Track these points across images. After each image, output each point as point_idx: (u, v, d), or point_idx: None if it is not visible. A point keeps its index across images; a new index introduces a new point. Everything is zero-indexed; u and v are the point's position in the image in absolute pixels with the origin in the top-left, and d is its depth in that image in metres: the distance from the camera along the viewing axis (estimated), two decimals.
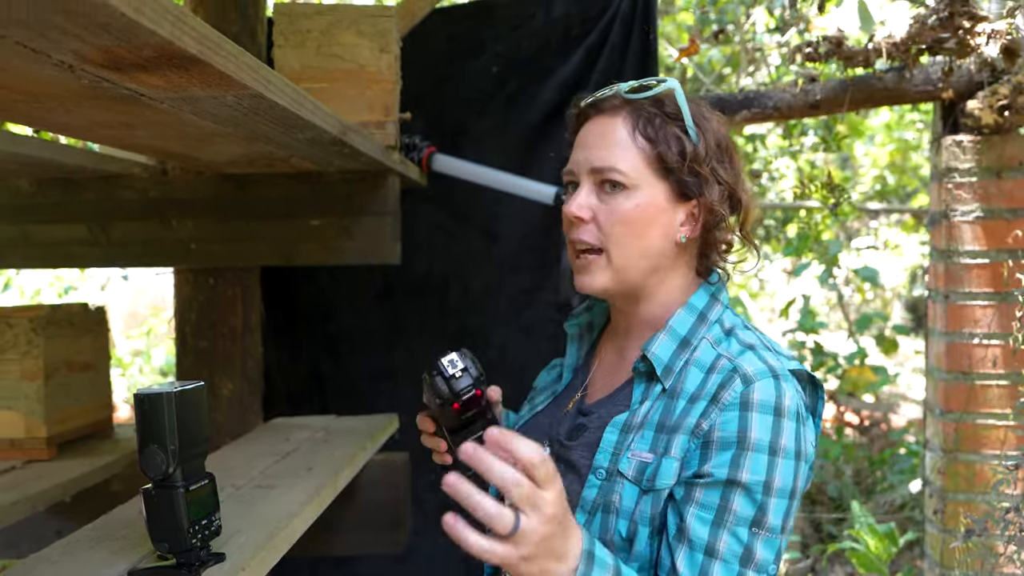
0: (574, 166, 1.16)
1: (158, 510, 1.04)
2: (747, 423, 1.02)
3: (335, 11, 1.70)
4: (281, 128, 1.25)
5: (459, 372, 1.07)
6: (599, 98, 1.17)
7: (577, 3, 2.32)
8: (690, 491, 1.03)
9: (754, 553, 1.01)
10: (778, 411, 1.03)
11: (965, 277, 2.30)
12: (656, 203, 1.11)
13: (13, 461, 1.71)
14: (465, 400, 1.08)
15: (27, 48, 0.74)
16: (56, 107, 1.03)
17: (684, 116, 1.13)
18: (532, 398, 1.35)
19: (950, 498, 2.32)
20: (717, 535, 1.01)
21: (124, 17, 0.67)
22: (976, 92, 2.28)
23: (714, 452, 1.03)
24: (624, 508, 1.06)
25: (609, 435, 1.10)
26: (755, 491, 1.01)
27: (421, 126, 2.25)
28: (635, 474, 1.06)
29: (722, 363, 1.09)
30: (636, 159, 1.11)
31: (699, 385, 1.08)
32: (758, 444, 1.02)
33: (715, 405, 1.05)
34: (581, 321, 1.32)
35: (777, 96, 2.49)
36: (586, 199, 1.12)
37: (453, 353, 1.09)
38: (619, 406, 1.14)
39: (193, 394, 1.06)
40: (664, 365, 1.11)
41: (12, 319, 1.74)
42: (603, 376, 1.23)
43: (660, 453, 1.05)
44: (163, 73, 0.86)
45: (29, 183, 1.84)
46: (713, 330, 1.14)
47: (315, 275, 2.44)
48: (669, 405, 1.09)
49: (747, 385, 1.04)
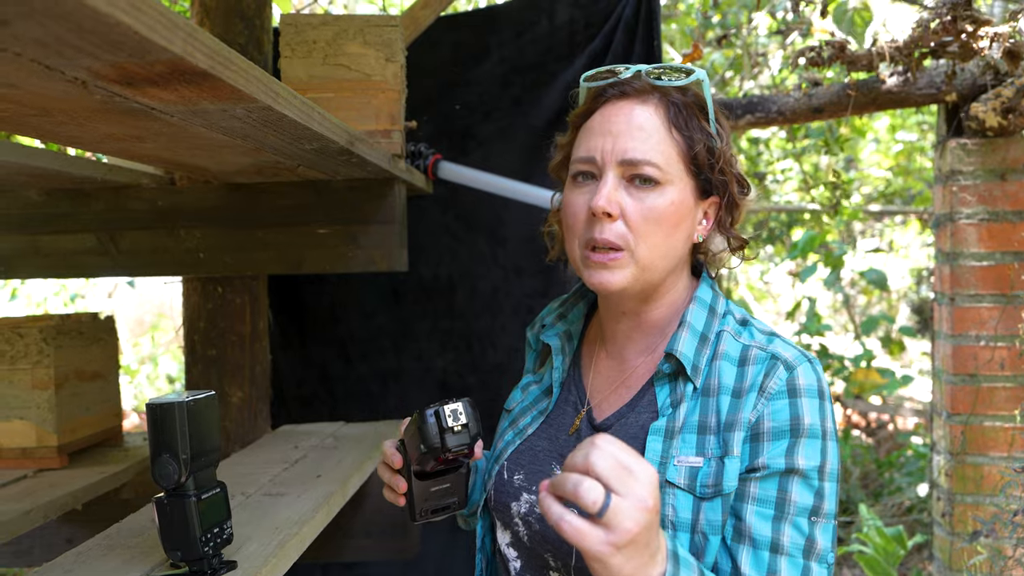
0: (596, 154, 1.05)
1: (171, 519, 1.06)
2: (798, 409, 0.99)
3: (341, 21, 1.71)
4: (289, 139, 1.26)
5: (459, 427, 0.99)
6: (621, 79, 1.07)
7: (581, 9, 2.34)
8: (744, 487, 0.99)
9: (816, 542, 0.98)
10: (821, 394, 1.01)
11: (970, 279, 2.30)
12: (686, 201, 1.06)
13: (25, 470, 1.73)
14: (451, 458, 1.02)
15: (42, 65, 0.75)
16: (67, 121, 1.04)
17: (709, 110, 1.08)
18: (513, 421, 1.21)
19: (958, 500, 2.32)
20: (780, 529, 0.97)
21: (137, 35, 0.68)
22: (979, 95, 2.28)
23: (766, 443, 0.99)
24: (681, 520, 0.99)
25: (653, 444, 1.02)
26: (812, 477, 0.98)
27: (430, 130, 2.28)
28: (687, 481, 1.00)
29: (754, 353, 1.04)
30: (671, 153, 1.04)
31: (737, 378, 1.03)
32: (811, 429, 0.99)
33: (762, 395, 1.00)
34: (559, 331, 1.22)
35: (781, 100, 2.49)
36: (615, 193, 1.02)
37: (458, 403, 1.01)
38: (644, 413, 1.07)
39: (204, 403, 1.07)
40: (691, 363, 1.05)
41: (22, 329, 1.75)
42: (605, 386, 1.15)
43: (711, 455, 1.00)
44: (174, 88, 0.87)
45: (38, 194, 1.86)
46: (728, 322, 1.10)
47: (324, 279, 2.47)
48: (707, 404, 1.03)
49: (790, 371, 1.01)
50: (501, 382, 2.41)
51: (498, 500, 1.15)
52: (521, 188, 2.11)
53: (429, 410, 1.00)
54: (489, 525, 1.20)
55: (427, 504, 1.10)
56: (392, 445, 1.11)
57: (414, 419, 1.03)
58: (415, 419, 1.02)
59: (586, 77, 1.12)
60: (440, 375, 2.47)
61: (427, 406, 1.01)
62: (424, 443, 1.00)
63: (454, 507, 1.12)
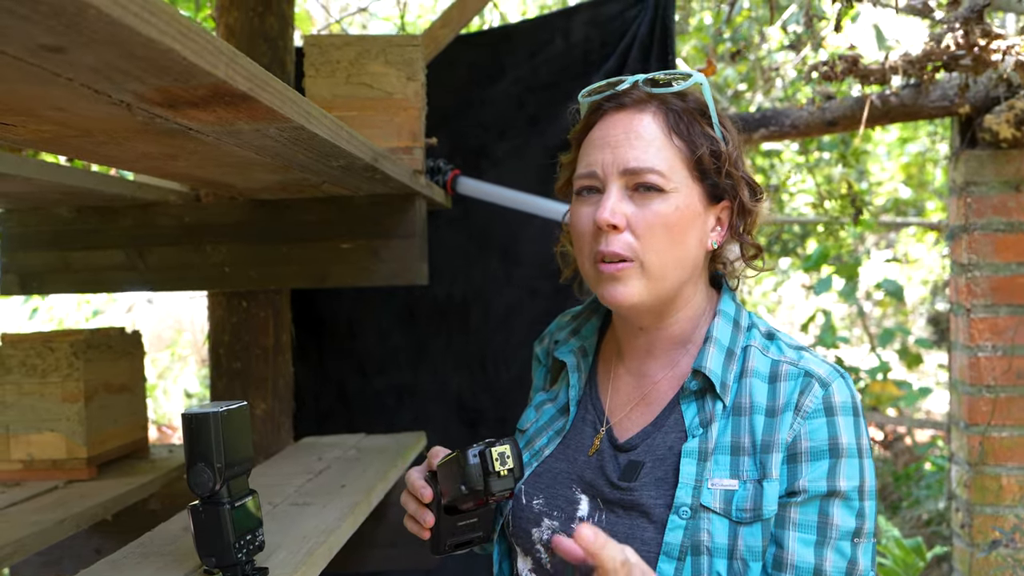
0: (597, 168, 1.03)
1: (205, 526, 1.08)
2: (835, 429, 0.97)
3: (363, 42, 1.76)
4: (318, 156, 1.29)
5: (505, 471, 0.96)
6: (618, 91, 1.06)
7: (596, 28, 2.36)
8: (784, 513, 0.97)
9: (857, 564, 0.97)
10: (855, 411, 0.99)
11: (986, 290, 2.31)
12: (693, 207, 1.03)
13: (55, 481, 1.76)
14: (493, 502, 0.99)
15: (91, 89, 0.79)
16: (107, 141, 1.07)
17: (711, 113, 1.06)
18: (528, 442, 1.17)
19: (977, 511, 2.32)
20: (823, 555, 0.96)
21: (185, 60, 0.71)
22: (993, 107, 2.30)
23: (805, 465, 0.97)
24: (717, 546, 0.96)
25: (687, 467, 0.99)
26: (852, 498, 0.97)
27: (446, 148, 2.31)
28: (723, 506, 0.97)
29: (785, 369, 1.02)
30: (674, 159, 1.02)
31: (769, 396, 1.01)
32: (849, 448, 0.97)
33: (798, 414, 0.98)
34: (573, 347, 1.18)
35: (794, 114, 2.52)
36: (619, 204, 1.00)
37: (505, 445, 0.97)
38: (672, 433, 1.04)
39: (237, 414, 1.10)
40: (720, 380, 1.02)
41: (53, 343, 1.79)
42: (625, 403, 1.11)
43: (747, 478, 0.97)
44: (213, 109, 0.91)
45: (69, 211, 1.91)
46: (753, 336, 1.07)
47: (341, 295, 2.50)
48: (739, 424, 1.00)
49: (826, 389, 0.99)
50: (515, 400, 2.43)
51: (517, 526, 1.11)
52: (540, 203, 2.13)
53: (472, 450, 0.97)
54: (506, 550, 1.17)
55: (452, 539, 1.07)
56: (420, 476, 1.07)
57: (455, 457, 0.99)
58: (456, 458, 0.99)
59: (584, 93, 1.11)
60: (455, 390, 2.49)
61: (470, 445, 0.98)
62: (466, 484, 0.97)
63: (478, 541, 1.09)
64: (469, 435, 2.49)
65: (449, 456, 1.02)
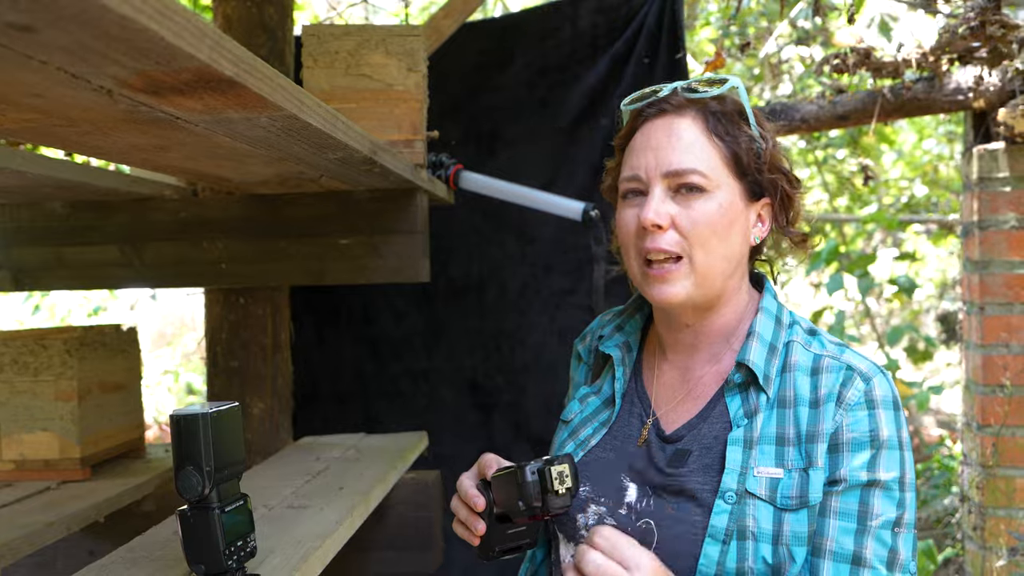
0: (641, 171, 1.09)
1: (194, 532, 1.04)
2: (876, 421, 1.02)
3: (363, 31, 1.71)
4: (313, 148, 1.25)
5: (564, 490, 0.98)
6: (659, 97, 1.11)
7: (602, 15, 2.41)
8: (826, 501, 1.01)
9: (899, 553, 1.00)
10: (896, 405, 1.04)
11: (1001, 288, 2.26)
12: (735, 204, 1.08)
13: (48, 482, 1.72)
14: (549, 518, 1.01)
15: (68, 74, 0.75)
16: (92, 131, 1.04)
17: (748, 114, 1.11)
18: (573, 432, 1.21)
19: (990, 514, 2.27)
20: (863, 542, 0.99)
21: (164, 41, 0.67)
22: (1007, 101, 2.24)
23: (846, 455, 1.01)
24: (762, 531, 1.00)
25: (733, 454, 1.04)
26: (893, 489, 1.01)
27: (457, 134, 2.35)
28: (768, 492, 1.01)
29: (827, 363, 1.06)
30: (714, 159, 1.07)
31: (812, 388, 1.05)
32: (889, 441, 1.01)
33: (840, 406, 1.03)
34: (618, 341, 1.23)
35: (804, 108, 2.47)
36: (662, 205, 1.05)
37: (564, 464, 0.99)
38: (717, 423, 1.08)
39: (228, 415, 1.06)
40: (763, 372, 1.07)
41: (46, 340, 1.76)
42: (670, 396, 1.15)
43: (793, 467, 1.02)
44: (200, 96, 0.87)
45: (62, 206, 1.87)
46: (795, 332, 1.11)
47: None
48: (783, 415, 1.05)
49: (867, 382, 1.03)
50: (527, 382, 2.47)
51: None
52: (543, 197, 2.10)
53: (531, 466, 0.99)
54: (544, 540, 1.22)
55: (501, 545, 1.09)
56: (473, 485, 1.10)
57: (512, 472, 1.01)
58: (514, 473, 1.00)
59: (626, 101, 1.15)
60: (470, 374, 2.51)
61: (528, 461, 0.99)
62: (523, 501, 0.99)
63: (526, 546, 1.12)
64: (481, 419, 2.50)
65: (506, 470, 1.04)
